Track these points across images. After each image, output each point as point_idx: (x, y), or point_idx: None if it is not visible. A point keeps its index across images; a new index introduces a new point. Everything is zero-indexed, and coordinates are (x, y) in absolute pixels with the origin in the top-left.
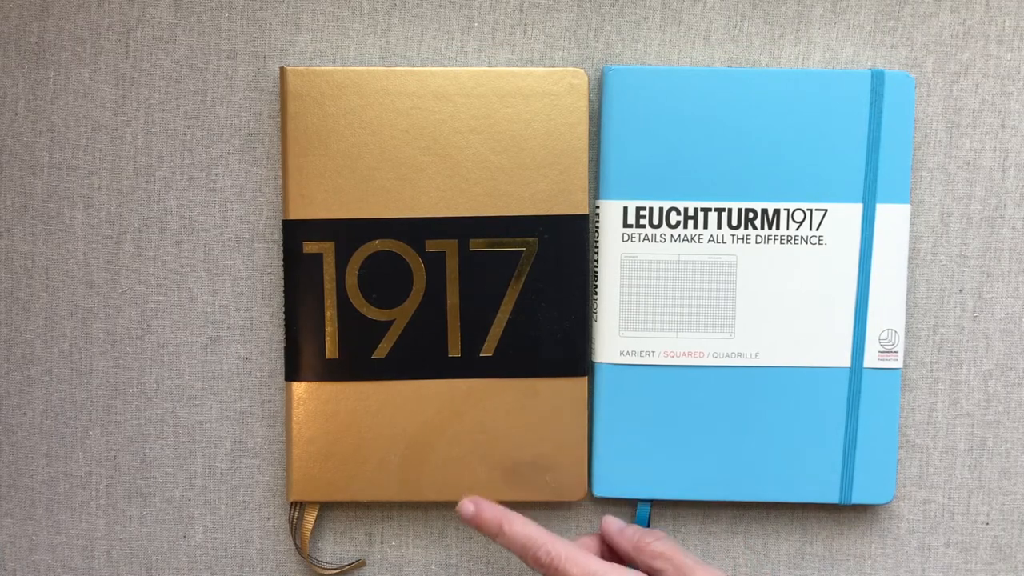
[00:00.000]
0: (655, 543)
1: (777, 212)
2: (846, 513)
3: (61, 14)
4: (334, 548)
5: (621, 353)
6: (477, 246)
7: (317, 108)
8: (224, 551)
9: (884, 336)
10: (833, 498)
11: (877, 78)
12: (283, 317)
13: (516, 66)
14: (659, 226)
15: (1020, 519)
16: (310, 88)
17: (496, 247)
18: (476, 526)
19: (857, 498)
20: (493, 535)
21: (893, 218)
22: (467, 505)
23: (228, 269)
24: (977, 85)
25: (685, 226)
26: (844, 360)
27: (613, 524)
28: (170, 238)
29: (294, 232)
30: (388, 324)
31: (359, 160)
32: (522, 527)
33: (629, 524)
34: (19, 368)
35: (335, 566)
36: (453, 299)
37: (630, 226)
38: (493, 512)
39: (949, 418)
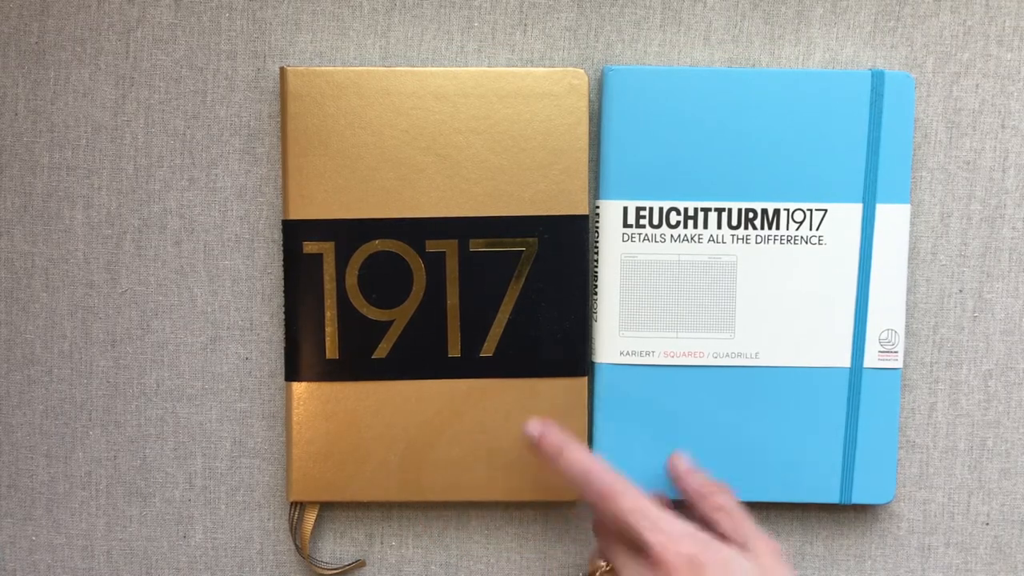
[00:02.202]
0: (719, 495)
1: (777, 212)
2: (846, 513)
3: (61, 14)
4: (334, 548)
5: (621, 353)
6: (477, 246)
7: (317, 108)
8: (224, 551)
9: (884, 336)
10: (833, 498)
11: (877, 78)
12: (283, 317)
13: (516, 66)
14: (659, 226)
15: (1020, 519)
16: (310, 88)
17: (496, 247)
18: (536, 450)
19: (857, 498)
20: (551, 459)
21: (893, 218)
22: (534, 425)
23: (228, 269)
24: (977, 85)
25: (685, 226)
26: (844, 360)
27: (682, 463)
28: (170, 238)
29: (294, 232)
30: (388, 324)
31: (359, 160)
32: (581, 455)
33: (697, 469)
34: (19, 368)
35: (335, 566)
36: (453, 299)
37: (630, 226)
38: (557, 437)
39: (949, 418)
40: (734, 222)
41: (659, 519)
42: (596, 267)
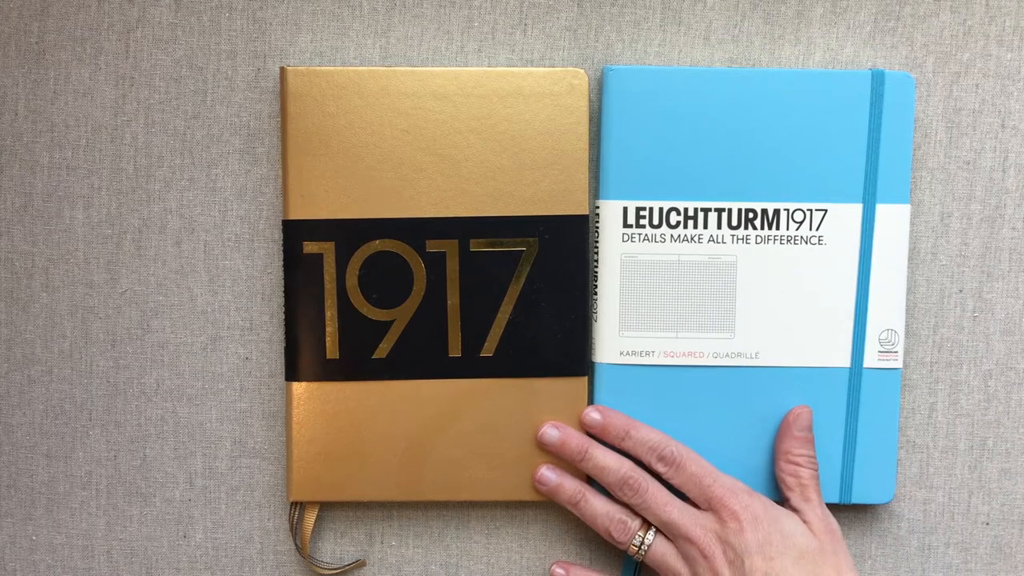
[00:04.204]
0: (801, 465)
1: (777, 212)
2: (846, 513)
3: (61, 14)
4: (334, 548)
5: (621, 353)
6: (477, 246)
7: (317, 108)
8: (224, 551)
9: (884, 336)
10: (833, 498)
11: (877, 78)
12: (283, 317)
13: (516, 66)
14: (659, 226)
15: (1020, 519)
16: (310, 88)
17: (496, 247)
18: (600, 433)
19: (857, 498)
20: (619, 439)
21: (893, 218)
22: (592, 414)
23: (228, 269)
24: (977, 85)
25: (685, 226)
26: (844, 360)
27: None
28: (170, 238)
29: (294, 232)
30: (388, 324)
31: (359, 160)
32: (647, 431)
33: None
34: (19, 368)
35: (335, 566)
36: (453, 299)
37: (630, 226)
38: (620, 419)
39: (949, 418)
40: (734, 222)
41: (715, 478)
42: (596, 267)
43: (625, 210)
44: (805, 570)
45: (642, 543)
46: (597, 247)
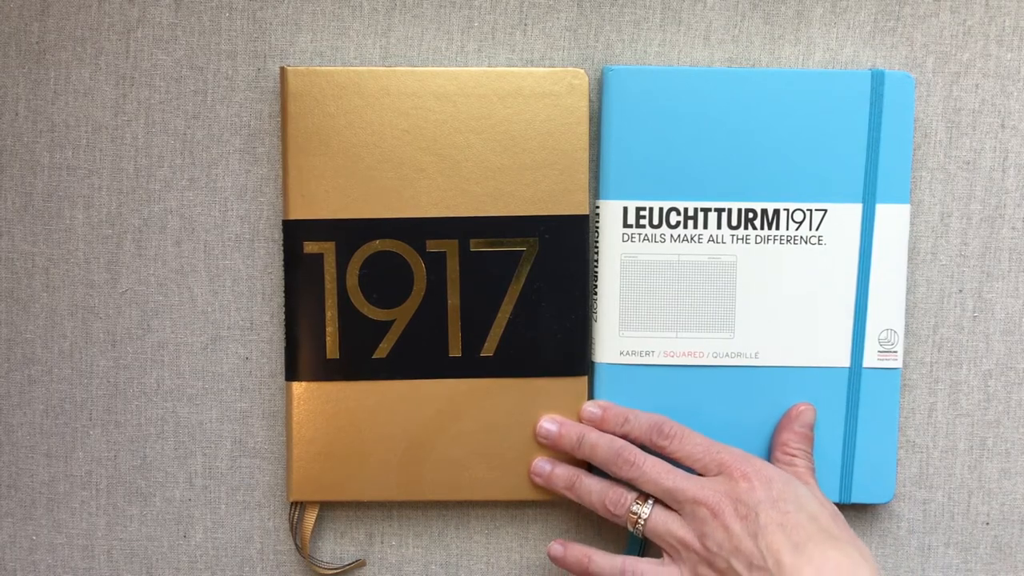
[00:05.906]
0: (796, 456)
1: (777, 212)
2: (846, 512)
3: (61, 14)
4: (334, 548)
5: (621, 353)
6: (477, 246)
7: (317, 108)
8: (224, 551)
9: (884, 336)
10: (833, 497)
11: (877, 78)
12: (283, 317)
13: (516, 66)
14: (659, 226)
15: (1020, 519)
16: (310, 88)
17: (496, 247)
18: (600, 424)
19: (857, 498)
20: (619, 425)
21: (893, 218)
22: (591, 409)
23: (228, 269)
24: (977, 85)
25: (685, 226)
26: (843, 360)
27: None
28: (170, 238)
29: (294, 232)
30: (389, 324)
31: (359, 160)
32: (646, 415)
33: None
34: (19, 368)
35: (335, 566)
36: (453, 299)
37: (630, 226)
38: (617, 410)
39: (949, 418)
40: (734, 222)
41: (723, 447)
42: (596, 267)
43: (625, 210)
44: (819, 527)
45: (640, 513)
46: (597, 247)
